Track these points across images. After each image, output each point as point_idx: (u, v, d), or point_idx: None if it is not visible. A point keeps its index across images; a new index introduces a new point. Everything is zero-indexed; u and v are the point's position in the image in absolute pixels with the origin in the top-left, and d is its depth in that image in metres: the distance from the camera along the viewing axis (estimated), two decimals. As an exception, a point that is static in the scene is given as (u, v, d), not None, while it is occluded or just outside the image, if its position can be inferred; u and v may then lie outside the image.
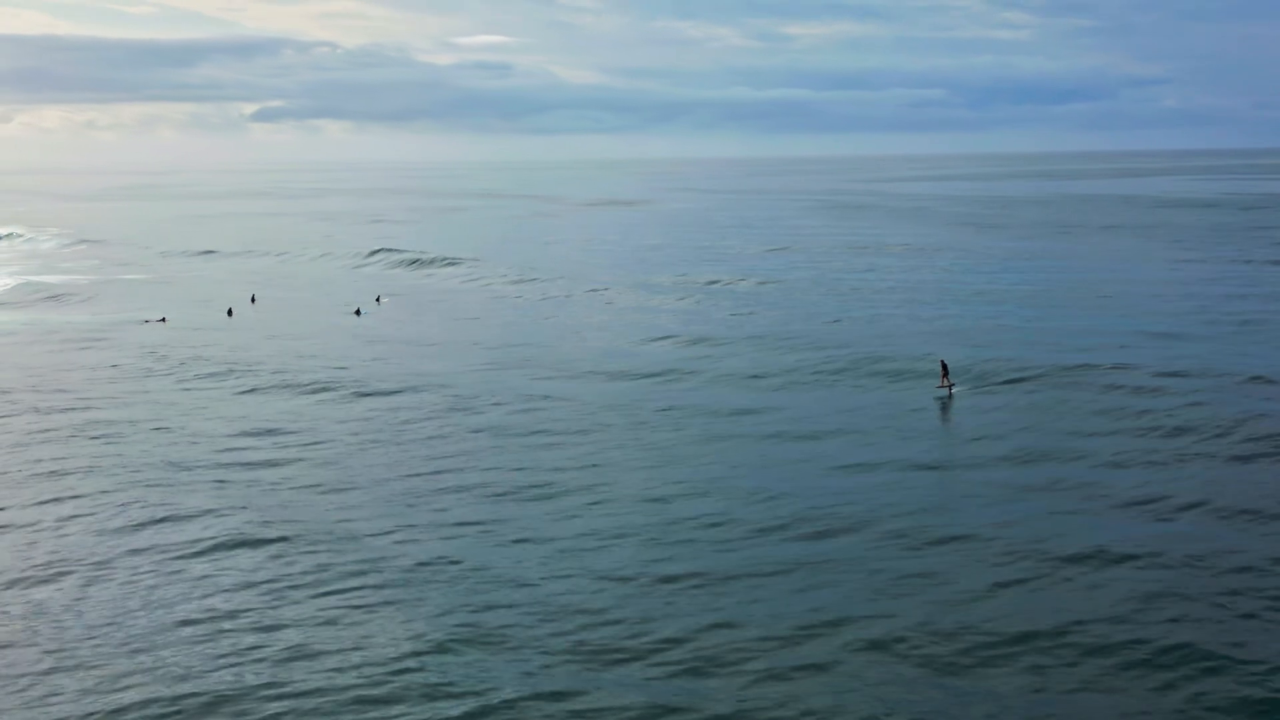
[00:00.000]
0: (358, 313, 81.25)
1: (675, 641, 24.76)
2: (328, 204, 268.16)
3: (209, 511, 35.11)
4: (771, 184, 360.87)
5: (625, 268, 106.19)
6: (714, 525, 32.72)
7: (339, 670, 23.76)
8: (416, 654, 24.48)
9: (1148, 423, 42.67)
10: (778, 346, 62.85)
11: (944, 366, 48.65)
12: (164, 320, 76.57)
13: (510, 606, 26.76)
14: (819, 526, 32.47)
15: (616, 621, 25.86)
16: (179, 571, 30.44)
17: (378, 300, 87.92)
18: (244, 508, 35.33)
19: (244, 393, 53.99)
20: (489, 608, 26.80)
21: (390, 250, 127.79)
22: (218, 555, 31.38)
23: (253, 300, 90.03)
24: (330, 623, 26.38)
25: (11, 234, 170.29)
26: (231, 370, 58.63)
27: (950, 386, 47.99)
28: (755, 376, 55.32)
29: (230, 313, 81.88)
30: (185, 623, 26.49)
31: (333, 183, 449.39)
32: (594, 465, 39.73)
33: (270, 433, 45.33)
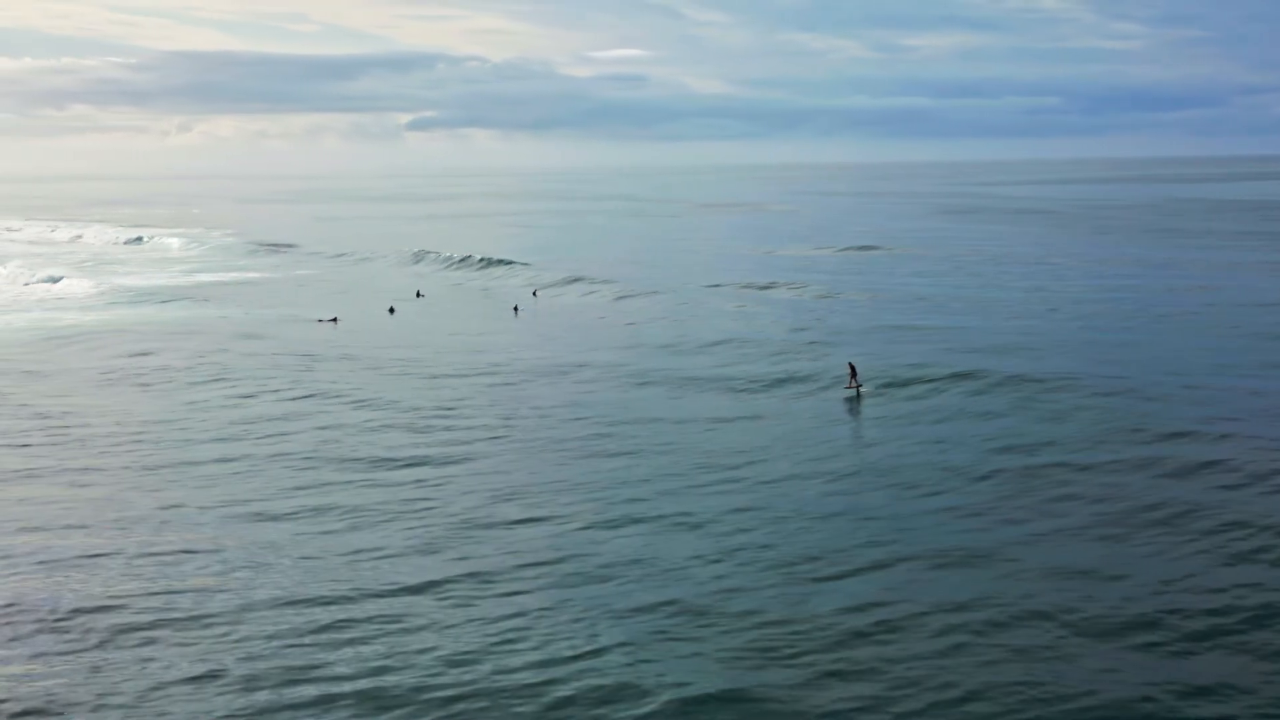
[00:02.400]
0: (515, 310, 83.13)
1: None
2: (477, 206, 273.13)
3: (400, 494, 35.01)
4: (890, 187, 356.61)
5: (765, 269, 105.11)
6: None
7: (513, 669, 22.47)
8: (598, 652, 23.06)
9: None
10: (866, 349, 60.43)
11: (852, 368, 48.05)
12: (335, 320, 77.83)
13: (681, 607, 25.17)
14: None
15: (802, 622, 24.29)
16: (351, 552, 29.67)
17: (534, 294, 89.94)
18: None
19: (432, 377, 55.14)
20: (667, 605, 25.36)
21: (534, 249, 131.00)
22: (389, 543, 30.32)
23: (418, 295, 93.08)
24: (515, 615, 25.10)
25: (184, 234, 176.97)
26: (408, 362, 59.89)
27: (858, 388, 47.26)
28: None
29: (392, 310, 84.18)
30: (343, 621, 24.97)
31: (481, 187, 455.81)
32: (756, 459, 38.06)
33: (448, 424, 44.74)
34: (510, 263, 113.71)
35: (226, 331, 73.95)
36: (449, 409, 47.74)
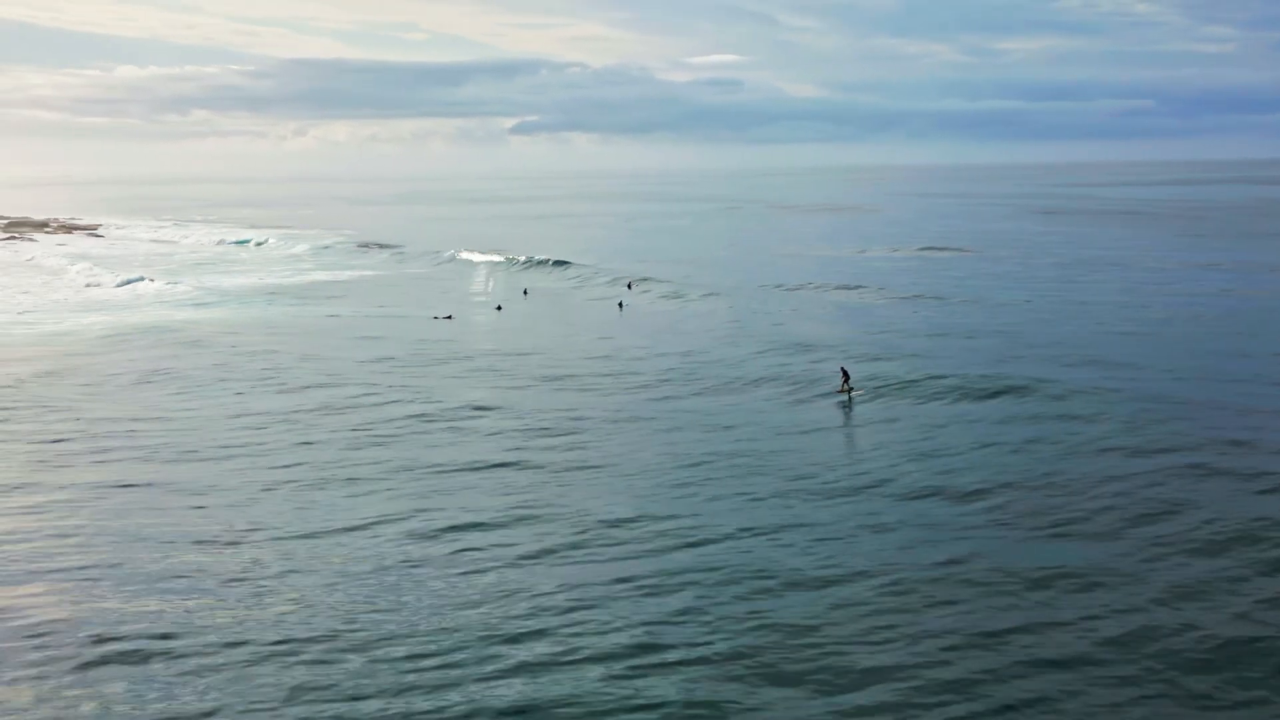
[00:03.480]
0: (620, 305, 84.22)
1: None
2: (574, 207, 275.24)
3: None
4: (980, 189, 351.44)
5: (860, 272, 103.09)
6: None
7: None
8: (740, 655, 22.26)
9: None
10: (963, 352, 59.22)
11: (844, 373, 47.24)
12: (450, 317, 79.10)
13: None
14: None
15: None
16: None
17: (629, 286, 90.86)
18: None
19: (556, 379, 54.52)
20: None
21: (624, 250, 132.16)
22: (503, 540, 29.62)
23: (525, 294, 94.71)
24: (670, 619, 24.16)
25: (296, 234, 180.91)
26: (523, 357, 60.59)
27: (849, 392, 46.37)
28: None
29: (499, 308, 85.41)
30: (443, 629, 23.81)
31: (579, 188, 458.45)
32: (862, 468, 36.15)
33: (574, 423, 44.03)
34: (594, 264, 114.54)
35: (338, 329, 75.67)
36: (572, 410, 46.81)
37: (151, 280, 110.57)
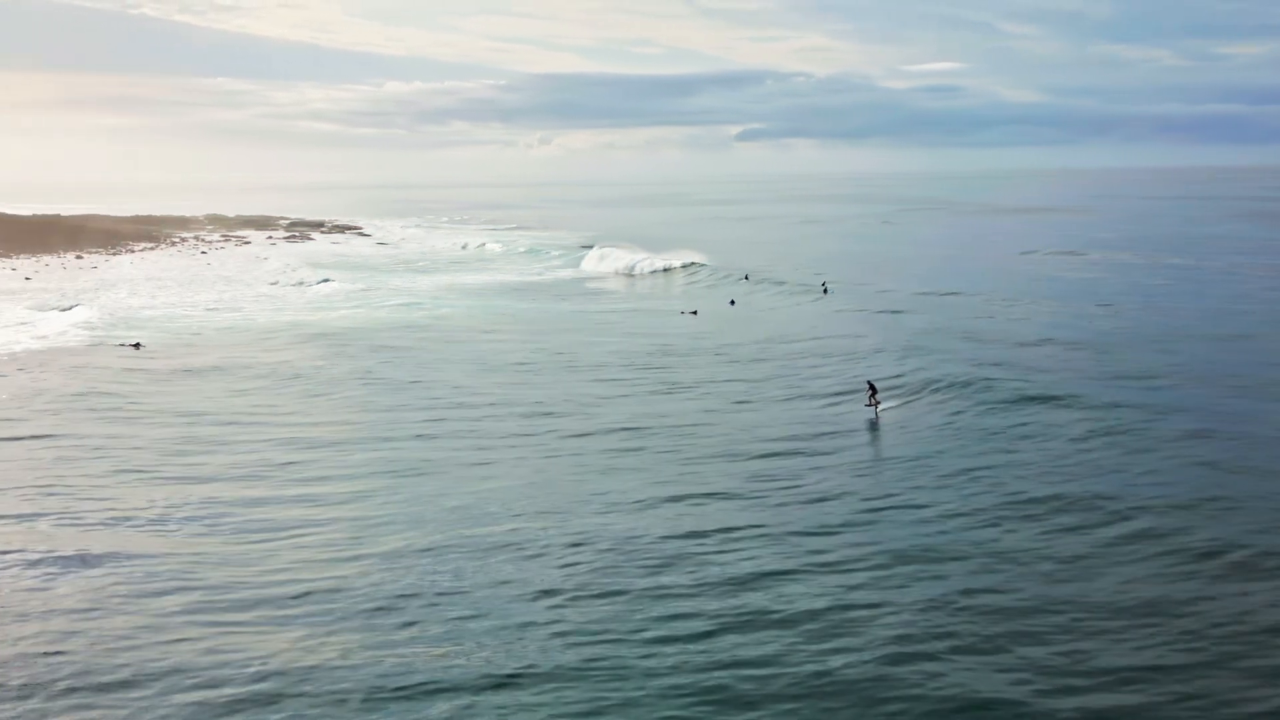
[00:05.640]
0: (824, 288, 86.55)
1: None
2: (789, 209, 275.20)
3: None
4: (1200, 190, 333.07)
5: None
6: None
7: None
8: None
9: None
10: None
11: (871, 386, 44.59)
12: (695, 313, 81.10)
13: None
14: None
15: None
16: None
17: (824, 289, 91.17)
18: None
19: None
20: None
21: (828, 251, 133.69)
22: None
23: (746, 278, 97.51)
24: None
25: (535, 234, 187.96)
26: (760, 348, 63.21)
27: (876, 405, 43.70)
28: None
29: (732, 303, 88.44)
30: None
31: (798, 190, 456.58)
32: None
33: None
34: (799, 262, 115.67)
35: (584, 323, 79.33)
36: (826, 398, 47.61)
37: (423, 273, 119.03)
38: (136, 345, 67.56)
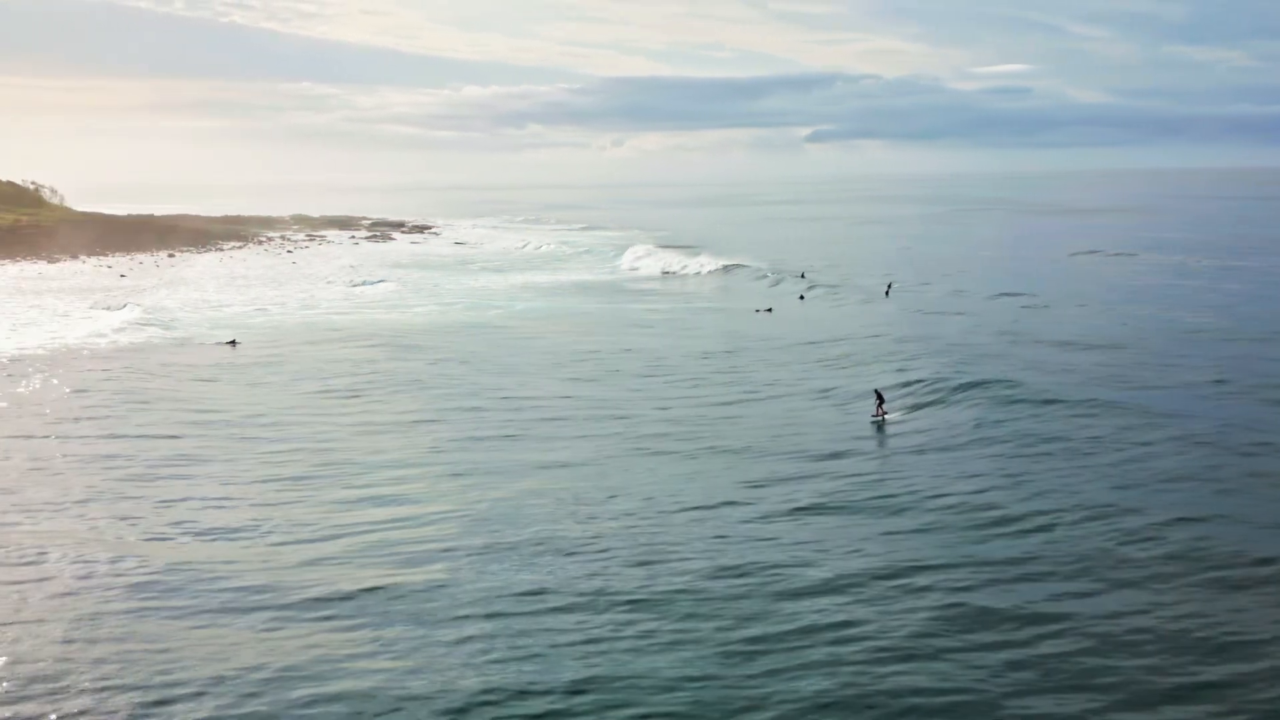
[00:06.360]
0: (887, 291, 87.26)
1: None
2: (857, 210, 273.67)
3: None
4: (1270, 193, 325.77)
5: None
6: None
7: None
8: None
9: None
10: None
11: (879, 395, 44.71)
12: (770, 310, 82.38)
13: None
14: None
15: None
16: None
17: (888, 290, 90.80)
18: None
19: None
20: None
21: (895, 251, 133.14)
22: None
23: (803, 276, 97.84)
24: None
25: (608, 235, 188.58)
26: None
27: (884, 414, 43.72)
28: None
29: (801, 297, 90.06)
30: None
31: (871, 192, 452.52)
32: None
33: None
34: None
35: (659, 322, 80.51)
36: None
37: (499, 272, 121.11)
38: (232, 343, 70.05)
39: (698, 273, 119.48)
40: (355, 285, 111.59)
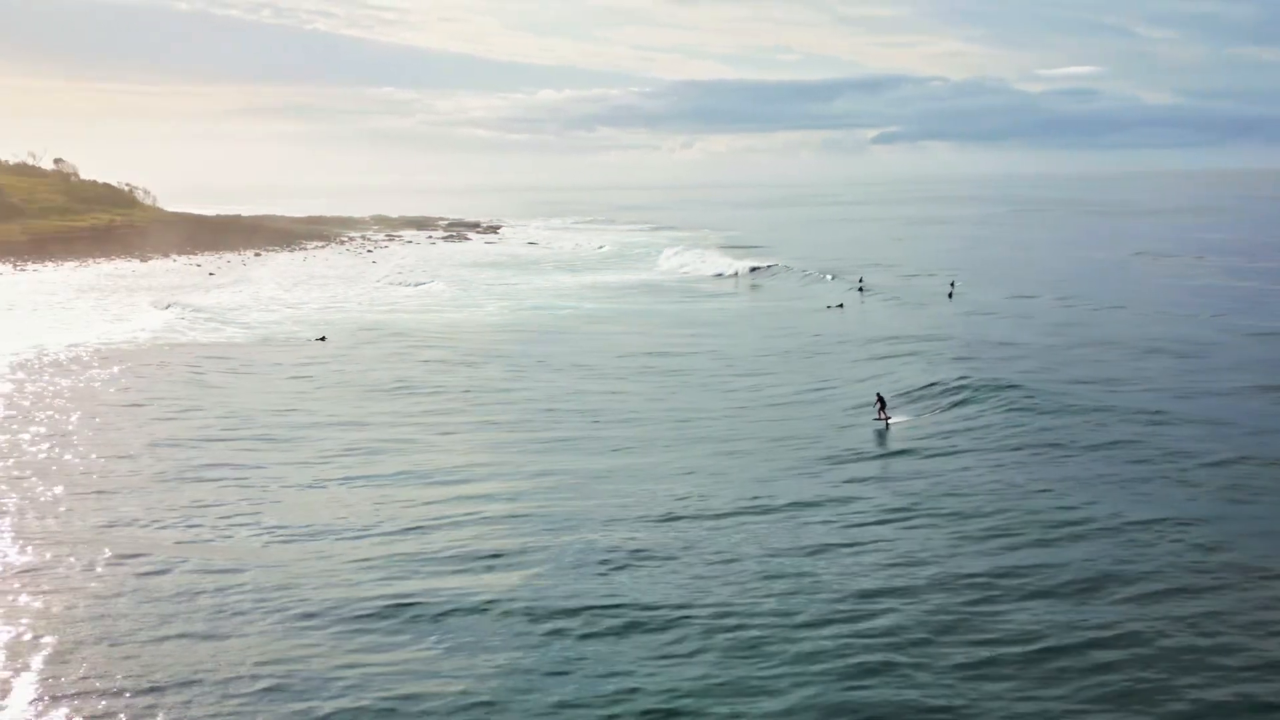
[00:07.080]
0: (950, 292, 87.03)
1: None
2: (920, 211, 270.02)
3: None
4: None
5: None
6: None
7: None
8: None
9: None
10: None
11: (880, 399, 43.55)
12: (841, 306, 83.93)
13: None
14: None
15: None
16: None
17: (950, 291, 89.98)
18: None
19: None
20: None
21: (953, 253, 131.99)
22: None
23: (860, 280, 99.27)
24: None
25: (677, 235, 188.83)
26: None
27: (886, 419, 42.67)
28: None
29: (861, 290, 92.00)
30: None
31: (938, 193, 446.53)
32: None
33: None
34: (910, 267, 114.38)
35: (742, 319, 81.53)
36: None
37: (571, 271, 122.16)
38: (322, 339, 71.55)
39: (755, 269, 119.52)
40: (423, 285, 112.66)
